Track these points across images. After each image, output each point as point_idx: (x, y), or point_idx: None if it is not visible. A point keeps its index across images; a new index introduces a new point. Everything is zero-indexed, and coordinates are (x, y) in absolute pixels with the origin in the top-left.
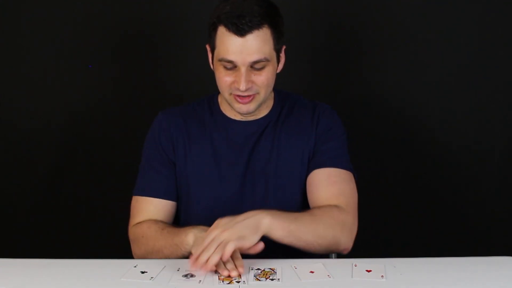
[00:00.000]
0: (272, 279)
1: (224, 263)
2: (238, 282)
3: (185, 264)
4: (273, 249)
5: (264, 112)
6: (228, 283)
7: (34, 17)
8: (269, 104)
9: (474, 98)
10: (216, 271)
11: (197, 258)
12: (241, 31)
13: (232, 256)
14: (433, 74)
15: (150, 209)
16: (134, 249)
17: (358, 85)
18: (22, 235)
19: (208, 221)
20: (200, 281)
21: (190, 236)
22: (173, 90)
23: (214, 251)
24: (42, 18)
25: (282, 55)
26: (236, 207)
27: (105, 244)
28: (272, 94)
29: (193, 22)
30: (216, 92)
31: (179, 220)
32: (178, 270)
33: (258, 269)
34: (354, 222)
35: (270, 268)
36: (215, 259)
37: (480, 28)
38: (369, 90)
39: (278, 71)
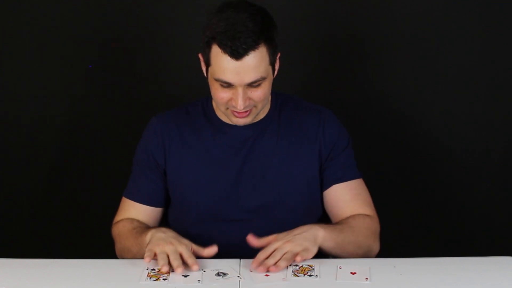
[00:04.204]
0: (310, 275)
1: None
2: (165, 279)
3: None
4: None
5: (260, 116)
6: (155, 280)
7: (34, 17)
8: (265, 108)
9: (474, 98)
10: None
11: (260, 263)
12: (236, 55)
13: (185, 256)
14: (432, 74)
15: (131, 212)
16: (115, 247)
17: (356, 86)
18: (22, 235)
19: (202, 226)
20: (199, 280)
21: (148, 235)
22: (173, 90)
23: (281, 257)
24: (42, 18)
25: (277, 62)
26: (231, 212)
27: (105, 244)
28: (269, 98)
29: (194, 22)
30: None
31: (174, 224)
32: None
33: (296, 265)
34: (378, 223)
35: (308, 265)
36: (283, 265)
37: (481, 29)
38: (368, 91)
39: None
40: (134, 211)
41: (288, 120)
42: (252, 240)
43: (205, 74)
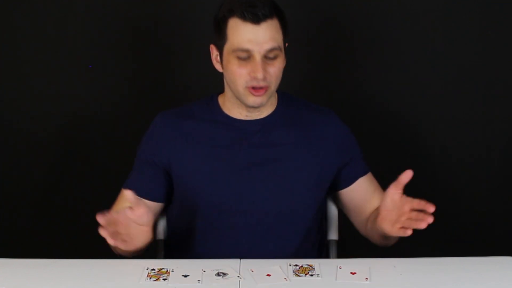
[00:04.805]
0: (311, 275)
1: None
2: (165, 279)
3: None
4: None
5: (267, 110)
6: (155, 280)
7: (34, 16)
8: (273, 102)
9: (474, 99)
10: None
11: None
12: (256, 19)
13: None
14: (432, 75)
15: (127, 203)
16: None
17: (355, 86)
18: (22, 235)
19: (208, 219)
20: (199, 280)
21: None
22: (174, 91)
23: None
24: (42, 17)
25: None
26: (238, 207)
27: (105, 244)
28: (275, 93)
29: (198, 19)
30: (216, 93)
31: (176, 219)
32: (173, 271)
33: (296, 265)
34: None
35: (308, 264)
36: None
37: (481, 29)
38: (367, 91)
39: None
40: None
41: (295, 116)
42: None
43: (216, 66)
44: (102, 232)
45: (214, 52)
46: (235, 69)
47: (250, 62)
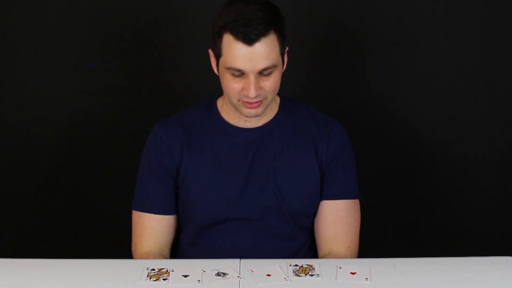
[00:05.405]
0: (311, 275)
1: None
2: (165, 279)
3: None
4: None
5: (267, 117)
6: (155, 280)
7: (34, 16)
8: (274, 107)
9: (474, 100)
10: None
11: None
12: (249, 40)
13: None
14: (432, 76)
15: (154, 227)
16: None
17: (354, 87)
18: (22, 235)
19: (210, 227)
20: (199, 280)
21: None
22: (174, 91)
23: None
24: (42, 17)
25: (286, 55)
26: (239, 215)
27: (105, 244)
28: (277, 98)
29: (198, 20)
30: (215, 96)
31: (181, 224)
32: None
33: (296, 265)
34: (355, 253)
35: (308, 264)
36: None
37: (481, 29)
38: (366, 92)
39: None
40: (155, 224)
41: (295, 123)
42: None
43: (215, 70)
44: None
45: (212, 57)
46: (228, 84)
47: (244, 78)
